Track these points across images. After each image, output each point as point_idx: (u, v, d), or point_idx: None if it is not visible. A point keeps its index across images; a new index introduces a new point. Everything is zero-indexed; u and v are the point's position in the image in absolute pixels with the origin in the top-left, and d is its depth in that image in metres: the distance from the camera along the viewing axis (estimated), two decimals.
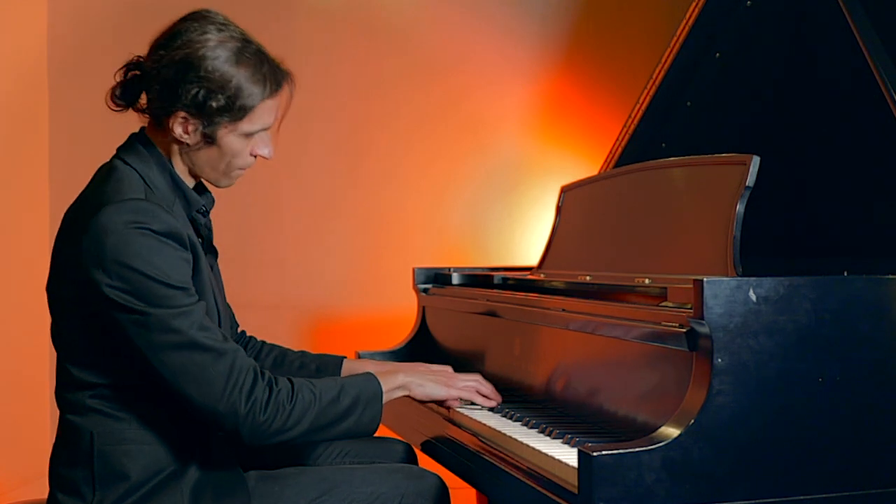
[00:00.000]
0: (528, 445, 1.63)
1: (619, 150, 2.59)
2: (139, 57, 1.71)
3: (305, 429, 1.62)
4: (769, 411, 1.46)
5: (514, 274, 2.55)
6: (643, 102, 2.54)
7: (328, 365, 2.04)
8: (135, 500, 1.61)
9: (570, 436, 1.65)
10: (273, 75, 1.68)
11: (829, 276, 1.54)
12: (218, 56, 1.63)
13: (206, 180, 1.76)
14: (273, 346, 2.08)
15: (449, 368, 2.03)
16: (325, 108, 3.56)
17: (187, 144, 1.67)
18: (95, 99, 3.56)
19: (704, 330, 1.45)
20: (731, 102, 2.55)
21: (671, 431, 1.42)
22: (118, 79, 1.73)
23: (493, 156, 3.68)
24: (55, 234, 1.70)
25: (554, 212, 2.50)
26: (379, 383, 1.74)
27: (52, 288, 1.68)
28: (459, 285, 2.60)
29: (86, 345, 1.62)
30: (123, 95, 1.72)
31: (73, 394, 1.64)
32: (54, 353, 1.69)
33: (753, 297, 1.46)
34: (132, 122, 1.83)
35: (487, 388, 1.94)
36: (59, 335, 1.67)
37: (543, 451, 1.57)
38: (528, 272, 2.53)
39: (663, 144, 2.58)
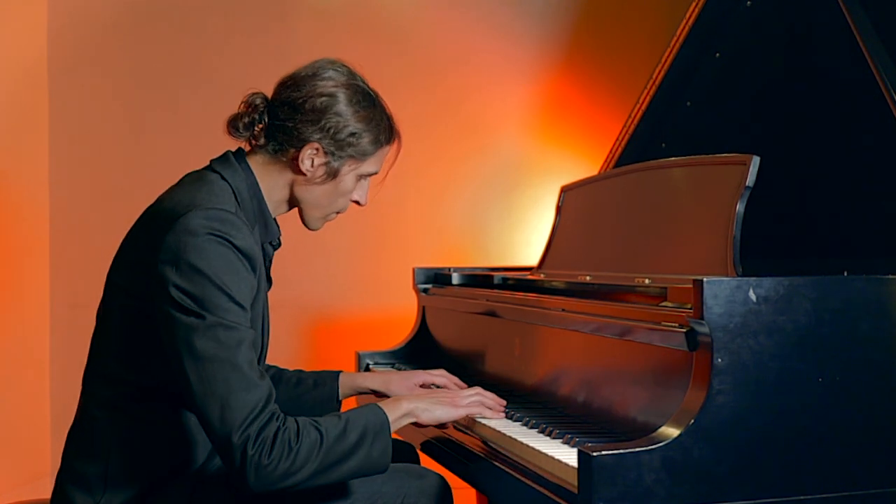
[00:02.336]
0: (528, 445, 1.63)
1: (619, 150, 2.59)
2: (260, 93, 1.75)
3: (314, 470, 1.54)
4: (769, 411, 1.46)
5: (514, 274, 2.55)
6: (643, 102, 2.54)
7: (325, 379, 2.04)
8: (139, 500, 1.62)
9: (570, 436, 1.65)
10: (392, 127, 1.82)
11: (829, 276, 1.54)
12: (357, 100, 1.74)
13: (305, 218, 1.80)
14: (269, 367, 2.07)
15: (442, 371, 2.03)
16: None
17: (305, 176, 1.72)
18: (95, 99, 3.60)
19: (704, 330, 1.45)
20: (731, 102, 2.55)
21: (671, 431, 1.42)
22: (240, 110, 1.74)
23: (493, 156, 3.68)
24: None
25: (554, 212, 2.50)
26: (385, 413, 1.66)
27: (113, 277, 1.68)
28: (459, 285, 2.60)
29: (130, 339, 1.63)
30: (248, 127, 1.73)
31: (104, 388, 1.65)
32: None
33: (753, 297, 1.46)
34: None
35: (490, 398, 1.88)
36: (107, 324, 1.68)
37: (543, 451, 1.57)
38: (528, 272, 2.53)
39: (663, 144, 2.58)
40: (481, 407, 1.85)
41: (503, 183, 3.68)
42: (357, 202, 1.81)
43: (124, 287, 1.65)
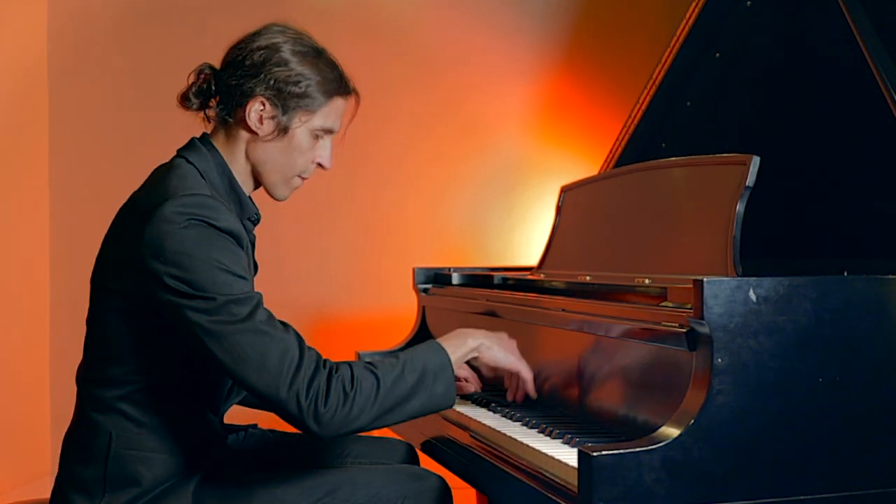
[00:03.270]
0: (528, 445, 1.63)
1: (619, 150, 2.59)
2: (207, 63, 1.75)
3: (375, 415, 1.55)
4: (769, 411, 1.46)
5: (514, 274, 2.55)
6: (643, 102, 2.54)
7: None
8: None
9: (570, 436, 1.65)
10: (345, 80, 1.76)
11: (829, 276, 1.54)
12: (299, 51, 1.70)
13: (267, 185, 1.76)
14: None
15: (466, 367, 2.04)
16: None
17: (257, 135, 1.69)
18: (95, 99, 3.60)
19: (704, 330, 1.45)
20: (731, 102, 2.55)
21: (671, 431, 1.42)
22: (190, 81, 1.73)
23: (493, 156, 3.69)
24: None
25: (554, 212, 2.50)
26: (446, 352, 1.66)
27: (98, 280, 1.67)
28: (459, 285, 2.60)
29: (123, 339, 1.62)
30: (198, 94, 1.72)
31: (100, 390, 1.64)
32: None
33: (753, 297, 1.46)
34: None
35: (532, 388, 1.89)
36: (97, 327, 1.67)
37: (543, 451, 1.57)
38: (528, 272, 2.53)
39: (663, 144, 2.58)
40: (529, 373, 1.86)
41: (503, 183, 3.68)
42: (321, 165, 1.77)
43: (112, 288, 1.63)
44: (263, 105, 1.67)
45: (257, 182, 1.77)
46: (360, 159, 3.63)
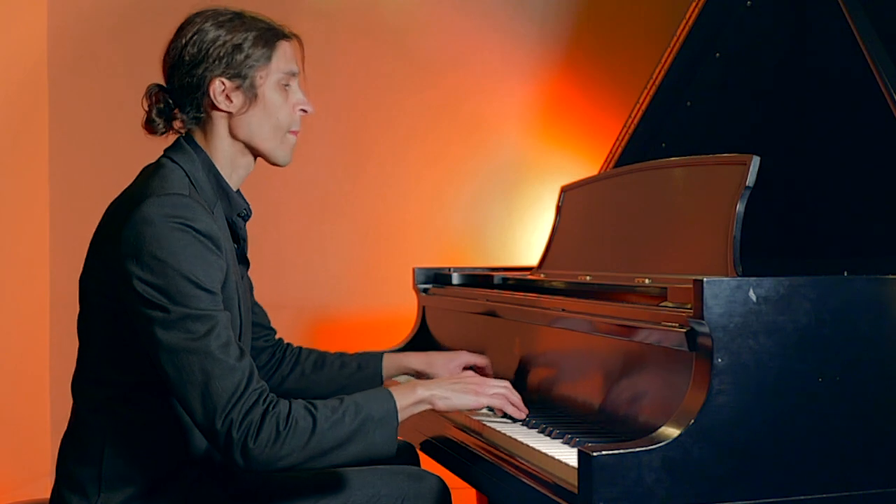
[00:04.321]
0: (528, 445, 1.63)
1: (619, 150, 2.59)
2: (155, 84, 1.76)
3: (306, 455, 1.51)
4: (769, 411, 1.46)
5: (514, 274, 2.55)
6: (643, 102, 2.54)
7: (369, 362, 2.04)
8: (137, 501, 1.61)
9: (570, 436, 1.65)
10: (277, 26, 1.76)
11: (829, 276, 1.54)
12: (222, 21, 1.71)
13: (265, 153, 1.74)
14: (311, 351, 2.07)
15: (485, 356, 2.01)
16: (325, 108, 3.56)
17: (232, 113, 1.69)
18: (95, 99, 3.60)
19: (704, 330, 1.45)
20: (731, 102, 2.56)
21: (671, 431, 1.42)
22: (145, 107, 1.75)
23: (493, 156, 3.68)
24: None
25: (554, 212, 2.50)
26: (393, 400, 1.60)
27: (85, 280, 1.67)
28: (459, 285, 2.60)
29: (112, 339, 1.62)
30: (160, 114, 1.73)
31: (92, 389, 1.64)
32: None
33: (753, 297, 1.46)
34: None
35: (516, 397, 1.79)
36: (87, 328, 1.67)
37: (543, 451, 1.57)
38: (528, 272, 2.53)
39: (663, 144, 2.58)
40: (504, 401, 1.77)
41: (503, 183, 3.68)
42: (304, 110, 1.76)
43: (96, 289, 1.63)
44: (223, 84, 1.68)
45: (250, 159, 1.76)
46: (360, 159, 3.63)
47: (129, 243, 1.53)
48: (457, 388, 1.71)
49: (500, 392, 1.77)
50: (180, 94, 1.70)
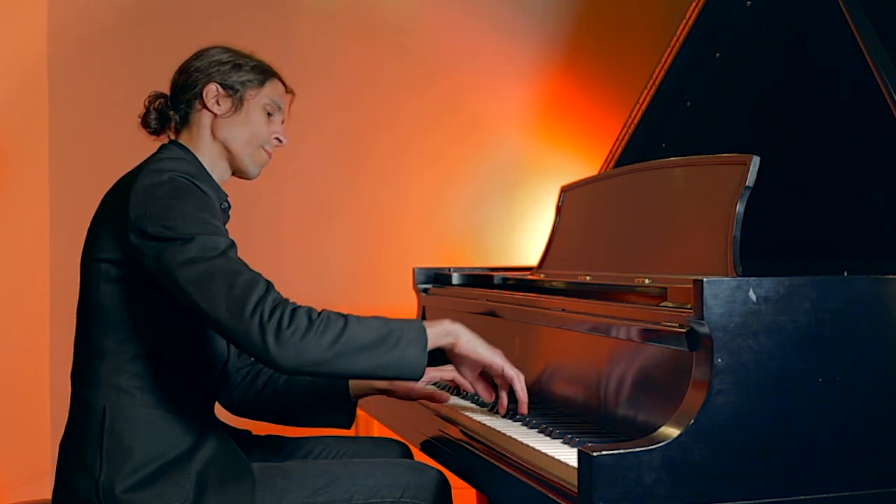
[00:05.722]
0: (528, 445, 1.63)
1: (619, 150, 2.59)
2: (159, 92, 1.91)
3: (336, 352, 1.53)
4: (769, 411, 1.46)
5: (514, 274, 2.55)
6: (643, 102, 2.54)
7: (335, 381, 2.02)
8: (140, 480, 1.62)
9: (570, 436, 1.65)
10: (271, 68, 1.92)
11: (829, 276, 1.54)
12: (231, 50, 1.91)
13: (237, 158, 1.86)
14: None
15: (451, 367, 2.02)
16: (325, 108, 3.56)
17: (217, 115, 1.83)
18: (95, 99, 3.60)
19: (704, 330, 1.45)
20: (731, 102, 2.55)
21: (671, 431, 1.42)
22: (144, 105, 1.90)
23: (493, 156, 3.68)
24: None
25: (554, 212, 2.50)
26: (424, 328, 1.65)
27: (87, 259, 1.73)
28: (459, 285, 2.60)
29: (117, 308, 1.67)
30: (158, 119, 1.89)
31: (90, 365, 1.68)
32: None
33: (753, 297, 1.46)
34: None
35: (524, 388, 1.80)
36: (88, 304, 1.71)
37: (543, 451, 1.57)
38: (528, 272, 2.53)
39: (663, 144, 2.58)
40: (517, 381, 1.77)
41: (503, 183, 3.68)
42: (279, 139, 1.89)
43: (101, 258, 1.68)
44: (217, 89, 1.83)
45: (226, 171, 1.89)
46: (360, 159, 3.64)
47: (135, 204, 1.64)
48: (481, 340, 1.75)
49: (513, 372, 1.78)
50: (177, 93, 1.86)
